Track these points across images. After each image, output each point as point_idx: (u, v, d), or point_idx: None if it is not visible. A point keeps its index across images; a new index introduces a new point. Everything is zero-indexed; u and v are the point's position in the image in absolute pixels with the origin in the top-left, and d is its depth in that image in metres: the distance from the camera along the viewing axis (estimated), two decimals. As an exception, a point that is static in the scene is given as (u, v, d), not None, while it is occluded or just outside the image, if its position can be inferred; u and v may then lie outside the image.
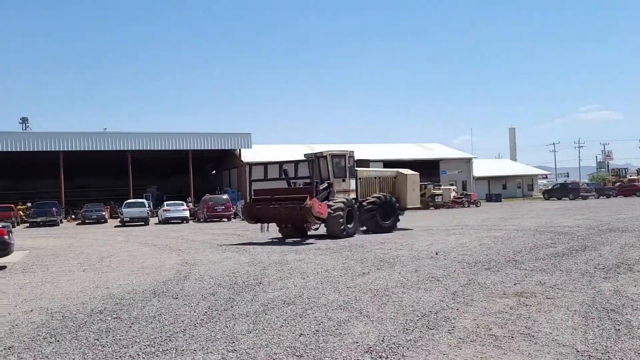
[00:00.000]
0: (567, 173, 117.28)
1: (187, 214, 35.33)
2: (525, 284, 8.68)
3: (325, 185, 19.12)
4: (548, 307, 6.98)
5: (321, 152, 19.79)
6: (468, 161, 60.93)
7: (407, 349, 5.37)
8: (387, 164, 54.58)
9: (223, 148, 49.63)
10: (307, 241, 17.74)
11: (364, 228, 20.06)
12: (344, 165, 19.69)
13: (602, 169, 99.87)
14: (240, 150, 49.81)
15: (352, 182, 19.93)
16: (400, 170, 22.95)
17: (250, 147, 49.19)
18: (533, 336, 5.65)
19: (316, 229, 19.41)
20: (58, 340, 6.14)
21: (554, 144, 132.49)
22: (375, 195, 20.36)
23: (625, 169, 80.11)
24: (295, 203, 17.71)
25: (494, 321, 6.33)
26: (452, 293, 8.10)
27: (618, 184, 65.34)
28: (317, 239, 18.09)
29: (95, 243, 20.94)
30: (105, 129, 52.36)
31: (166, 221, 34.57)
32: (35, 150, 43.76)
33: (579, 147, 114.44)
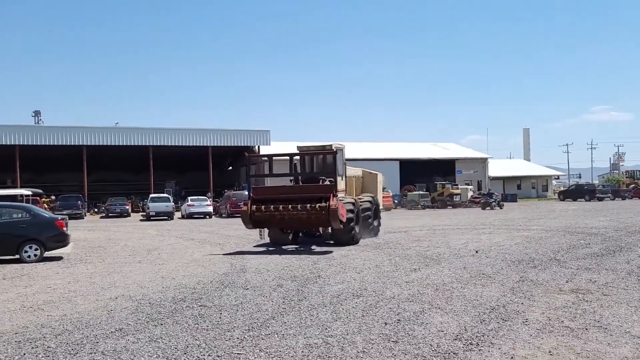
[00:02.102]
0: (580, 174, 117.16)
1: (210, 209, 35.94)
2: (577, 281, 9.14)
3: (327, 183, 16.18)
4: (608, 303, 7.44)
5: (330, 145, 16.88)
6: (483, 161, 61.16)
7: (493, 337, 5.86)
8: (404, 162, 55.12)
9: (242, 144, 50.18)
10: (315, 248, 15.22)
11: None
12: (343, 161, 17.12)
13: (615, 171, 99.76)
14: (259, 147, 50.35)
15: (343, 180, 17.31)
16: (367, 170, 20.95)
17: (269, 144, 49.71)
18: (606, 328, 6.12)
19: (319, 235, 17.37)
20: (162, 324, 6.68)
21: (567, 144, 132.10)
22: (365, 196, 18.19)
23: (639, 171, 79.96)
24: (314, 204, 14.70)
25: (562, 315, 6.80)
26: (510, 289, 8.57)
27: (632, 186, 65.39)
28: (321, 246, 15.60)
29: (132, 236, 21.55)
30: (117, 123, 53.14)
31: (190, 216, 35.18)
32: (60, 144, 44.50)
33: (591, 148, 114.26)
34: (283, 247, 15.74)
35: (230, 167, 64.25)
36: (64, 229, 13.56)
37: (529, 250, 13.53)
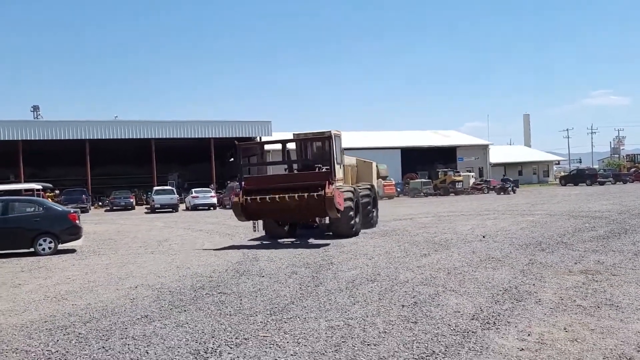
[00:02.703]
0: (580, 159, 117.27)
1: (214, 200, 36.14)
2: (585, 263, 9.34)
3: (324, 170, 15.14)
4: (617, 282, 7.64)
5: (329, 131, 15.76)
6: (484, 148, 61.32)
7: (508, 316, 6.06)
8: (405, 150, 55.25)
9: (244, 136, 50.29)
10: (312, 241, 14.35)
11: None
12: (341, 148, 16.29)
13: (615, 155, 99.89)
14: (260, 137, 50.43)
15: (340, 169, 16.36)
16: (361, 159, 20.05)
17: (271, 135, 49.84)
18: (617, 306, 6.32)
19: (317, 226, 16.53)
20: (185, 311, 6.88)
21: (567, 130, 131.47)
22: (364, 185, 17.41)
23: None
24: (309, 192, 13.91)
25: (574, 294, 7.00)
26: (520, 271, 8.77)
27: (633, 169, 65.56)
28: (318, 238, 14.80)
29: (140, 229, 21.77)
30: (116, 116, 53.30)
31: (194, 208, 35.40)
32: (62, 138, 44.65)
33: (591, 132, 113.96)
34: (279, 240, 15.01)
35: (232, 159, 64.38)
36: (77, 221, 13.75)
37: (535, 234, 13.73)
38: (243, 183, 15.46)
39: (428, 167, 54.28)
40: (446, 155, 57.98)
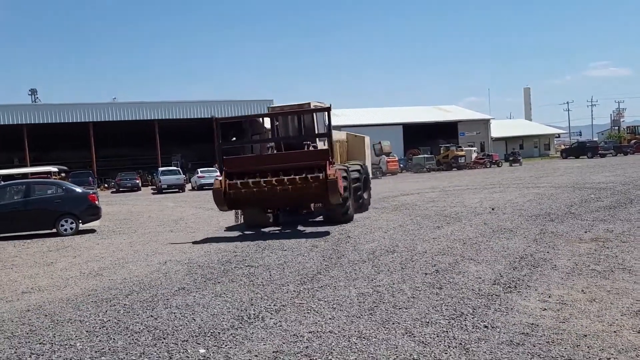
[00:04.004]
0: (580, 132, 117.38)
1: (220, 180, 36.44)
2: (595, 231, 9.70)
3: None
4: (628, 249, 8.00)
5: (308, 103, 14.23)
6: (486, 122, 61.41)
7: (528, 281, 6.43)
8: (407, 126, 55.40)
9: (246, 115, 50.46)
10: (305, 229, 12.27)
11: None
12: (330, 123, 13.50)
13: (615, 127, 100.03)
14: (263, 118, 50.60)
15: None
16: (352, 133, 18.43)
17: (273, 114, 50.00)
18: (630, 270, 6.69)
19: (305, 212, 15.10)
20: (219, 282, 7.26)
21: (567, 102, 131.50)
22: (354, 164, 15.07)
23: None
24: (306, 174, 11.90)
25: (587, 260, 7.37)
26: (533, 240, 9.14)
27: (634, 141, 65.74)
28: (307, 226, 12.94)
29: (152, 209, 22.14)
30: (115, 98, 53.53)
31: (201, 187, 35.72)
32: (67, 121, 44.87)
33: (591, 105, 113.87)
34: (262, 230, 12.88)
35: (235, 138, 64.53)
36: (96, 202, 14.10)
37: (543, 206, 14.08)
38: (224, 165, 12.86)
39: (430, 143, 54.50)
40: (448, 131, 58.11)
